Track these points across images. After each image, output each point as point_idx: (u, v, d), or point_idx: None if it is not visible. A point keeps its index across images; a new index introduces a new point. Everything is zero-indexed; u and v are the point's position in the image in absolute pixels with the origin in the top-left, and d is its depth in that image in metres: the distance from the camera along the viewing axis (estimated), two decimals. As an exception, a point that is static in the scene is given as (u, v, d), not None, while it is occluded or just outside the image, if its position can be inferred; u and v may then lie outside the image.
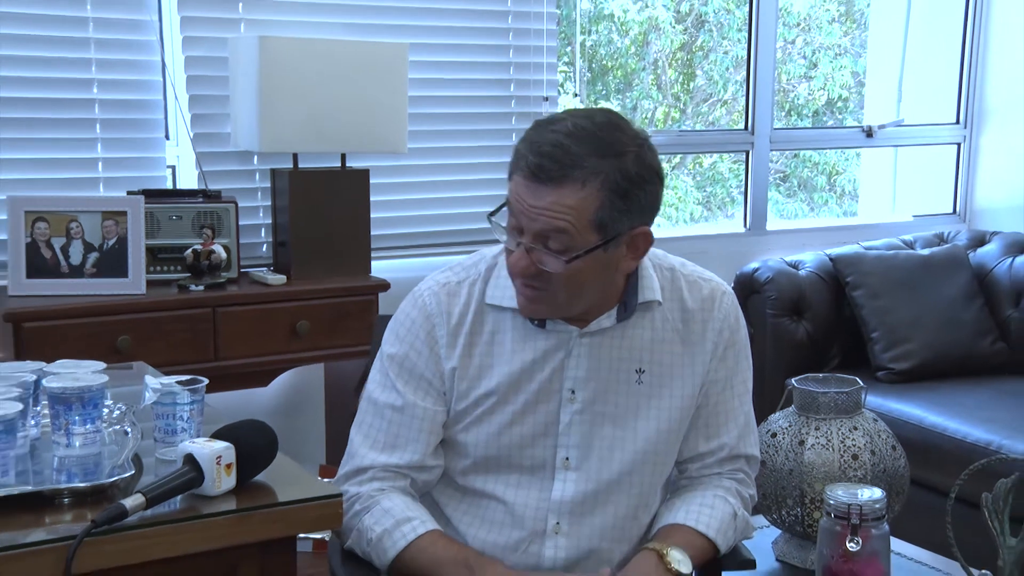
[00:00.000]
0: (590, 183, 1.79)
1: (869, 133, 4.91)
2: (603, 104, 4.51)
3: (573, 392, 1.99)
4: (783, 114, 4.70)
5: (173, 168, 3.59)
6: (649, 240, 1.92)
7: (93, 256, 3.23)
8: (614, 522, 2.05)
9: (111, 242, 3.23)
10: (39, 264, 3.20)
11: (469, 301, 2.02)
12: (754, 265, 4.29)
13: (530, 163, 1.81)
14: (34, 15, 3.33)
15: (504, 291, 1.99)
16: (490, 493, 2.04)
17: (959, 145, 5.10)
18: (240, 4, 3.60)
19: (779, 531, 2.60)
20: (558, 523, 2.02)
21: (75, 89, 3.45)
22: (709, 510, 2.06)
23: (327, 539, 3.28)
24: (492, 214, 1.92)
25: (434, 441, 2.04)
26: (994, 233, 4.60)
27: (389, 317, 2.29)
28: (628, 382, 2.01)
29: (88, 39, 3.41)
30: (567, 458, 2.01)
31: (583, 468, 2.01)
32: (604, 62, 4.52)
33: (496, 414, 1.99)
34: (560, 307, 1.93)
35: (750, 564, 2.23)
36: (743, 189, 4.67)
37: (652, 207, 1.90)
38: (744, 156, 4.77)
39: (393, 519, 1.94)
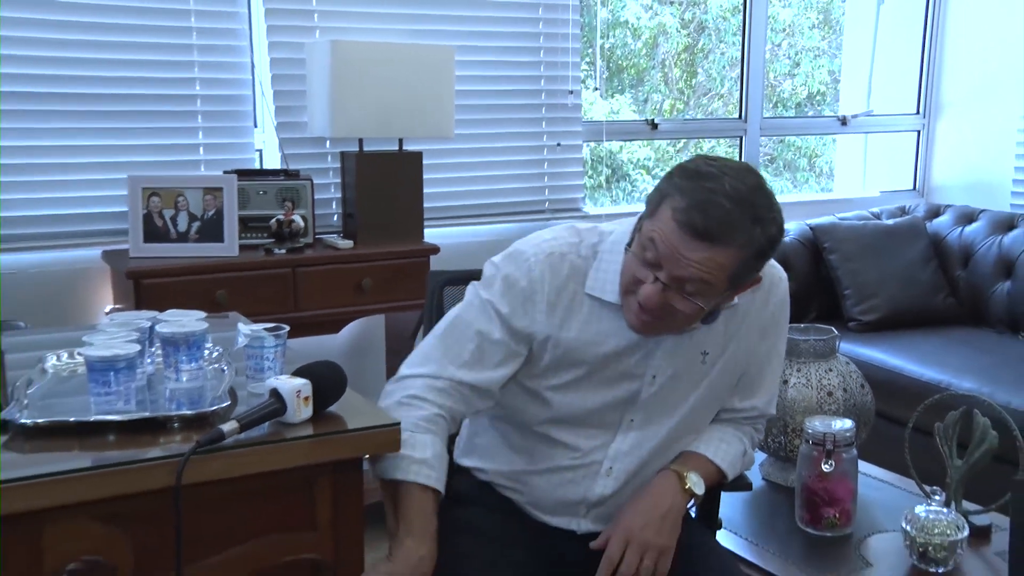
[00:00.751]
0: (742, 248, 1.74)
1: (843, 122, 4.97)
2: (618, 98, 4.55)
3: (654, 377, 1.95)
4: (771, 106, 4.73)
5: (260, 151, 3.64)
6: (758, 283, 1.89)
7: (196, 224, 3.32)
8: (655, 465, 2.03)
9: (210, 213, 3.32)
10: (153, 231, 3.30)
11: (569, 279, 1.92)
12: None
13: (694, 220, 1.71)
14: (145, 25, 3.42)
15: (605, 284, 1.90)
16: (561, 440, 2.00)
17: (919, 132, 5.14)
18: (315, 15, 3.67)
19: (765, 455, 2.68)
20: (611, 467, 2.00)
21: (181, 87, 3.53)
22: (726, 446, 2.05)
23: None
24: (629, 246, 1.82)
25: (504, 381, 1.95)
26: (947, 206, 4.63)
27: (441, 273, 2.31)
28: (695, 363, 1.97)
29: (191, 45, 3.50)
30: (632, 420, 1.98)
31: (643, 428, 1.99)
32: (620, 62, 4.49)
33: (584, 384, 1.95)
34: (669, 331, 1.88)
35: (747, 487, 2.26)
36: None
37: (768, 260, 1.86)
38: (738, 141, 4.82)
39: (418, 452, 1.84)
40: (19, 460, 1.58)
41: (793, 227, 4.37)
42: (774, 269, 2.03)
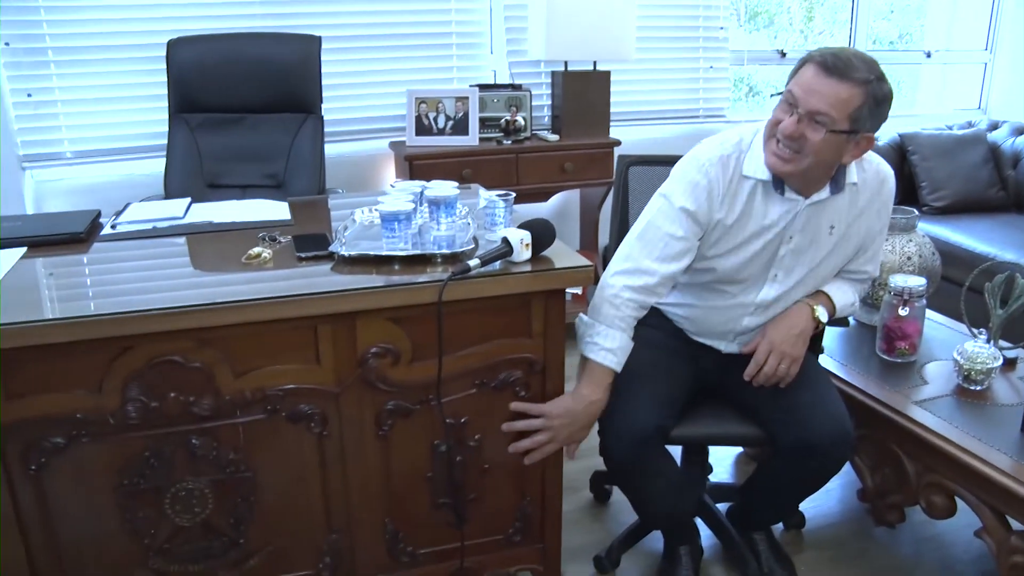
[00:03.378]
0: (859, 88, 1.67)
1: (928, 55, 4.61)
2: (755, 33, 4.36)
3: (792, 238, 1.89)
4: (871, 43, 4.48)
5: (494, 71, 3.64)
6: (871, 144, 1.79)
7: (450, 123, 3.37)
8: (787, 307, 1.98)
9: (460, 115, 3.36)
10: (421, 128, 3.37)
11: (734, 171, 1.86)
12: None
13: (826, 60, 1.68)
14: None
15: (756, 165, 1.84)
16: (722, 289, 1.98)
17: (985, 64, 4.72)
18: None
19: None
20: (756, 309, 1.97)
21: (442, 26, 3.55)
22: (843, 294, 2.00)
23: (578, 293, 3.48)
24: (774, 95, 1.79)
25: (685, 268, 1.91)
26: (1004, 121, 4.35)
27: (627, 159, 2.27)
28: (824, 233, 1.90)
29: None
30: (776, 275, 1.93)
31: (783, 281, 1.94)
32: (756, 8, 4.38)
33: (741, 249, 1.90)
34: (799, 169, 1.77)
35: (845, 323, 2.31)
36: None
37: (882, 121, 1.76)
38: None
39: (608, 342, 1.83)
40: (341, 279, 1.68)
41: (885, 135, 4.14)
42: (886, 168, 1.95)
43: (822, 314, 1.96)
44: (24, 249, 1.92)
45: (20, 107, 3.19)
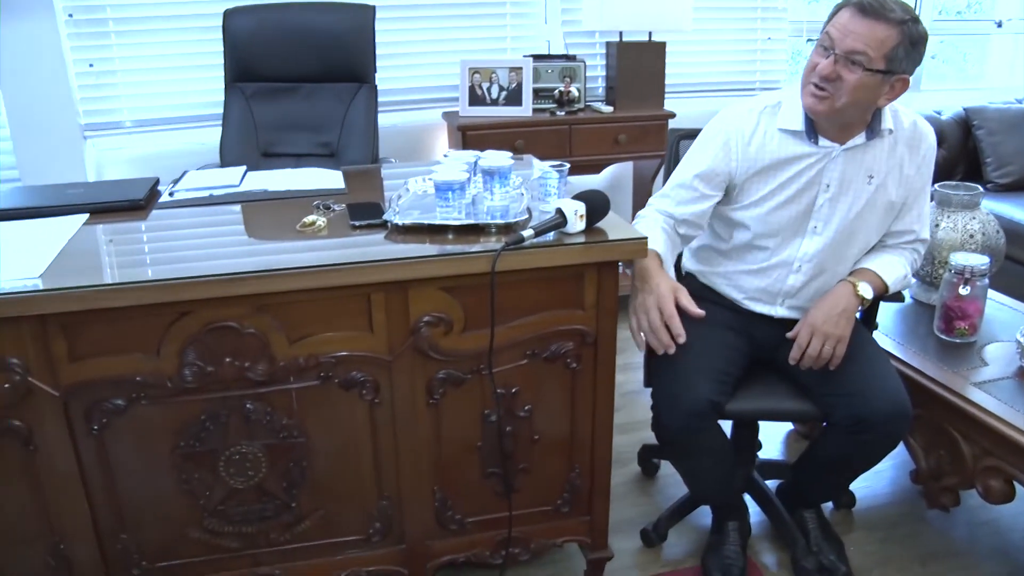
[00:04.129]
0: (894, 28, 1.71)
1: (999, 24, 4.44)
2: (814, 5, 4.26)
3: (828, 186, 1.90)
4: (937, 13, 4.33)
5: (548, 41, 3.59)
6: (906, 86, 1.79)
7: (503, 93, 3.35)
8: (832, 264, 1.98)
9: (513, 85, 3.34)
10: (475, 98, 3.35)
11: (761, 123, 1.92)
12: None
13: (862, 1, 1.72)
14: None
15: (791, 118, 1.89)
16: (762, 246, 1.99)
17: None
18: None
19: (916, 280, 2.54)
20: (800, 265, 1.97)
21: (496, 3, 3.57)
22: (890, 267, 1.98)
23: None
24: (809, 40, 1.84)
25: (709, 211, 1.99)
26: None
27: (677, 131, 2.26)
28: (863, 183, 1.90)
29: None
30: (815, 226, 1.93)
31: (823, 233, 1.93)
32: None
33: (773, 197, 1.92)
34: (834, 108, 1.79)
35: (901, 299, 2.28)
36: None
37: (916, 64, 1.78)
38: None
39: (651, 241, 1.87)
40: (395, 247, 1.68)
41: (950, 110, 4.02)
42: (926, 125, 1.95)
43: (865, 290, 1.93)
44: (87, 215, 1.96)
45: (82, 77, 3.25)
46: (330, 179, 2.20)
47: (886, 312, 2.44)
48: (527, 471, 1.91)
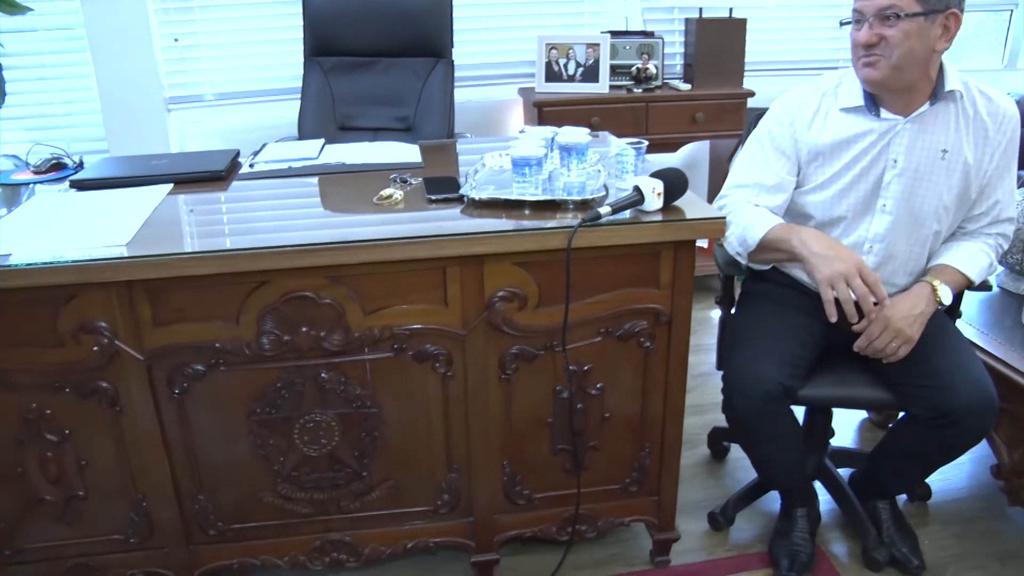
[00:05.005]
0: None
1: None
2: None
3: (895, 161, 1.84)
4: None
5: (626, 18, 3.55)
6: (959, 22, 1.72)
7: (580, 70, 3.32)
8: (904, 245, 1.91)
9: (590, 61, 3.31)
10: (551, 74, 3.33)
11: (823, 102, 1.89)
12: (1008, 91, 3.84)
13: None
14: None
15: (851, 95, 1.86)
16: (832, 230, 1.93)
17: None
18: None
19: (1003, 268, 2.46)
20: (871, 246, 1.91)
21: None
22: (974, 260, 1.91)
23: (703, 247, 3.47)
24: (842, 23, 1.84)
25: (784, 194, 1.93)
26: None
27: (755, 111, 2.19)
28: (934, 157, 1.83)
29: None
30: (884, 204, 1.87)
31: (893, 212, 1.87)
32: None
33: (838, 179, 1.88)
34: (892, 69, 1.75)
35: (987, 288, 2.15)
36: (1004, 40, 4.20)
37: None
38: (1008, 13, 4.13)
39: (760, 216, 1.88)
40: (471, 222, 1.69)
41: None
42: (1007, 100, 1.88)
43: (945, 295, 1.87)
44: (171, 185, 2.00)
45: (167, 51, 3.32)
46: (407, 153, 2.21)
47: (970, 301, 2.36)
48: (597, 449, 1.91)
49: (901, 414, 1.98)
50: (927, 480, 2.31)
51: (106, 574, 1.87)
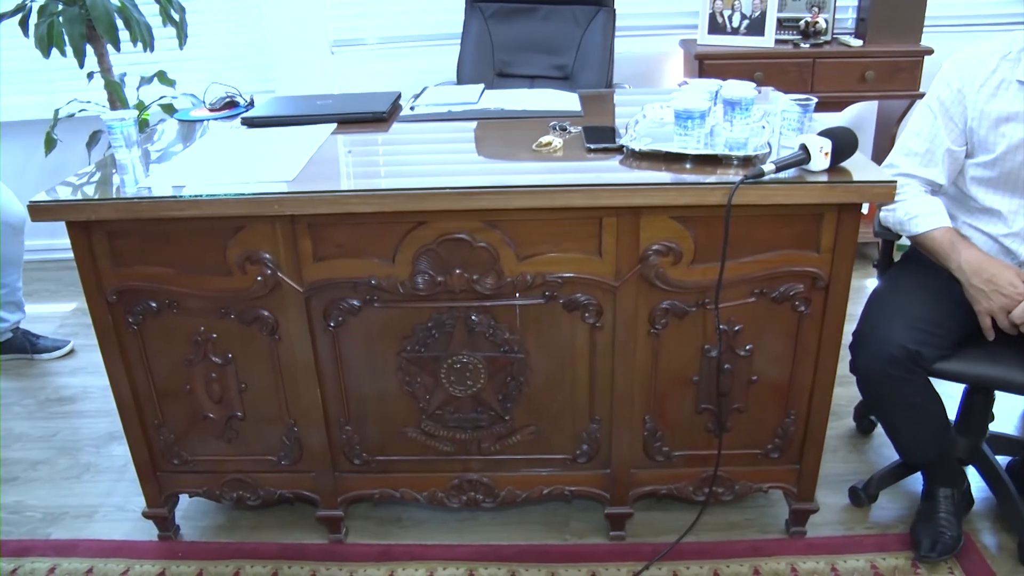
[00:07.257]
0: None
1: None
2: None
3: None
4: None
5: None
6: None
7: (745, 22, 3.20)
8: None
9: (756, 13, 3.19)
10: (715, 25, 3.23)
11: (999, 69, 1.74)
12: None
13: None
14: None
15: None
16: (994, 211, 1.83)
17: None
18: None
19: None
20: None
21: None
22: None
23: (864, 213, 3.27)
24: None
25: (949, 168, 1.84)
26: None
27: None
28: None
29: None
30: None
31: None
32: None
33: (1010, 157, 1.76)
34: None
35: None
36: None
37: None
38: None
39: (926, 210, 1.82)
40: (630, 173, 1.67)
41: None
42: None
43: None
44: (335, 125, 2.06)
45: (334, -7, 3.41)
46: (567, 101, 2.19)
47: None
48: (741, 411, 1.87)
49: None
50: (1097, 475, 2.15)
51: (258, 490, 1.98)
